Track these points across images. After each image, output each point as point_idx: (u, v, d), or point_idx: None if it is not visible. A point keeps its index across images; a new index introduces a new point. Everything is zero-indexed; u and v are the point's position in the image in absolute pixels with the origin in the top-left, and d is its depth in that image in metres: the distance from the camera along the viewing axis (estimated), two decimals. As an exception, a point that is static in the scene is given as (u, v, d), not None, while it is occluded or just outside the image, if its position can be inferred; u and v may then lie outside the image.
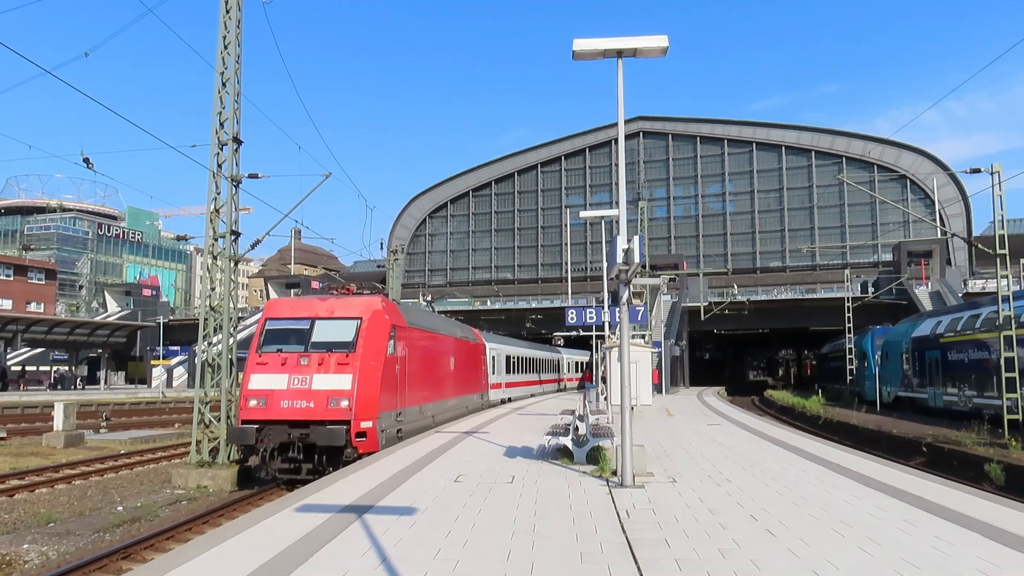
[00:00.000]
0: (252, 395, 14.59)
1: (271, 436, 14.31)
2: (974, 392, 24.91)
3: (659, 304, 57.68)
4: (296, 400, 14.38)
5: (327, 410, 14.26)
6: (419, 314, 20.39)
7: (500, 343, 35.33)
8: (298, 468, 14.48)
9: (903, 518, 7.97)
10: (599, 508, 8.59)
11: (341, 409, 14.29)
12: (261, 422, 14.38)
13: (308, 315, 15.79)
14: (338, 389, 14.43)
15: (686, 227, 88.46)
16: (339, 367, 14.68)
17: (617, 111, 10.83)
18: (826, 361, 60.44)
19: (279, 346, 15.23)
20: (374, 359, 15.06)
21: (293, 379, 14.57)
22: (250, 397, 14.59)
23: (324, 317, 15.64)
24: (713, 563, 6.21)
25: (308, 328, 15.46)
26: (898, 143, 78.02)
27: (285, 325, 15.71)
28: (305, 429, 14.21)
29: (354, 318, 15.55)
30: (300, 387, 14.48)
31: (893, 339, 34.90)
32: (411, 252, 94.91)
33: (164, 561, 6.43)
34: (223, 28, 17.60)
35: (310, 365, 14.74)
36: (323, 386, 14.47)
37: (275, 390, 14.50)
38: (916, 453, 19.77)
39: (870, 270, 74.65)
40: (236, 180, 17.58)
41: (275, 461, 14.52)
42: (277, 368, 14.74)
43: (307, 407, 14.33)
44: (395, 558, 6.39)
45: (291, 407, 14.34)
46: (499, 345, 34.55)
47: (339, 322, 15.50)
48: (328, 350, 14.98)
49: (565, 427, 13.20)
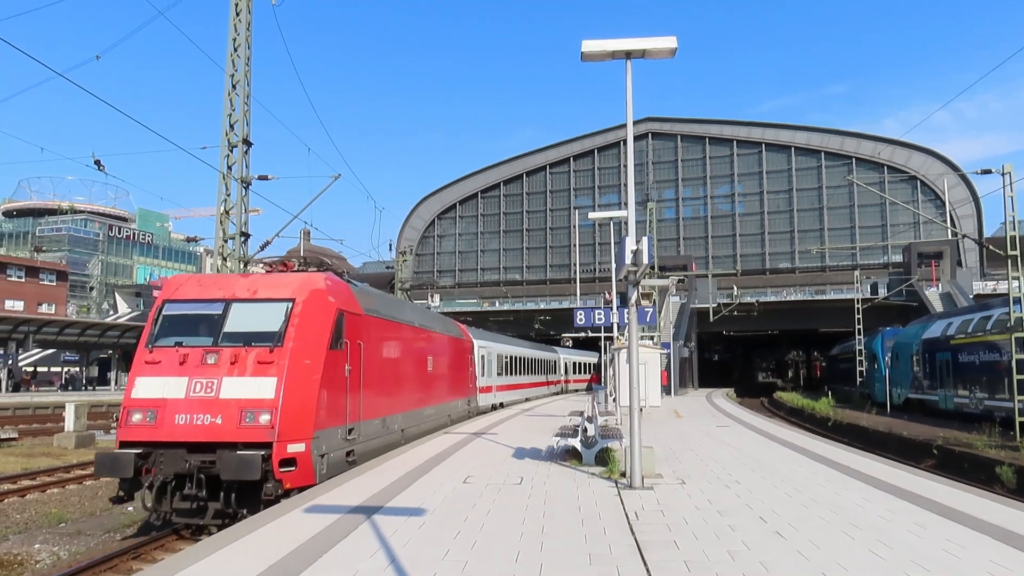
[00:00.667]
0: (136, 407, 10.73)
1: (162, 464, 10.47)
2: (985, 394, 24.75)
3: (668, 305, 57.60)
4: (197, 414, 10.51)
5: (239, 428, 10.43)
6: (384, 300, 16.37)
7: (490, 340, 31.88)
8: (202, 509, 10.56)
9: (913, 521, 7.93)
10: (608, 509, 8.59)
11: (259, 427, 10.45)
12: (147, 444, 10.54)
13: (222, 296, 11.95)
14: (256, 398, 10.60)
15: (695, 228, 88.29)
16: (259, 367, 10.88)
17: (626, 112, 10.82)
18: (836, 363, 60.19)
19: (179, 338, 11.39)
20: (310, 355, 11.35)
21: (195, 384, 10.74)
22: (133, 410, 10.73)
23: (244, 299, 11.86)
24: (722, 565, 6.20)
25: (220, 314, 11.64)
26: (908, 144, 77.63)
27: (189, 309, 11.87)
28: (209, 455, 10.34)
29: (284, 300, 11.75)
30: (204, 395, 10.64)
31: (903, 341, 34.73)
32: (420, 253, 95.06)
33: (174, 561, 6.47)
34: (233, 30, 17.69)
35: (219, 365, 10.90)
36: (236, 394, 10.65)
37: (169, 400, 10.66)
38: (927, 455, 19.65)
39: (880, 271, 74.32)
40: (246, 182, 17.66)
41: (167, 499, 10.55)
42: (173, 369, 10.94)
43: (212, 424, 10.45)
44: (404, 559, 6.40)
45: (190, 424, 10.46)
46: (489, 343, 31.09)
47: (263, 305, 11.74)
48: (246, 344, 11.17)
49: (574, 428, 13.19)
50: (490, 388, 30.20)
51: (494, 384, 31.03)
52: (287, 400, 10.74)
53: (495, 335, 35.58)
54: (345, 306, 12.73)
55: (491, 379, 30.39)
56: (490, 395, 30.24)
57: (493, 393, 30.87)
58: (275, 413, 10.56)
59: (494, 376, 31.02)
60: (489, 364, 30.14)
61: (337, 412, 12.08)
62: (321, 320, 11.86)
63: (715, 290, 66.88)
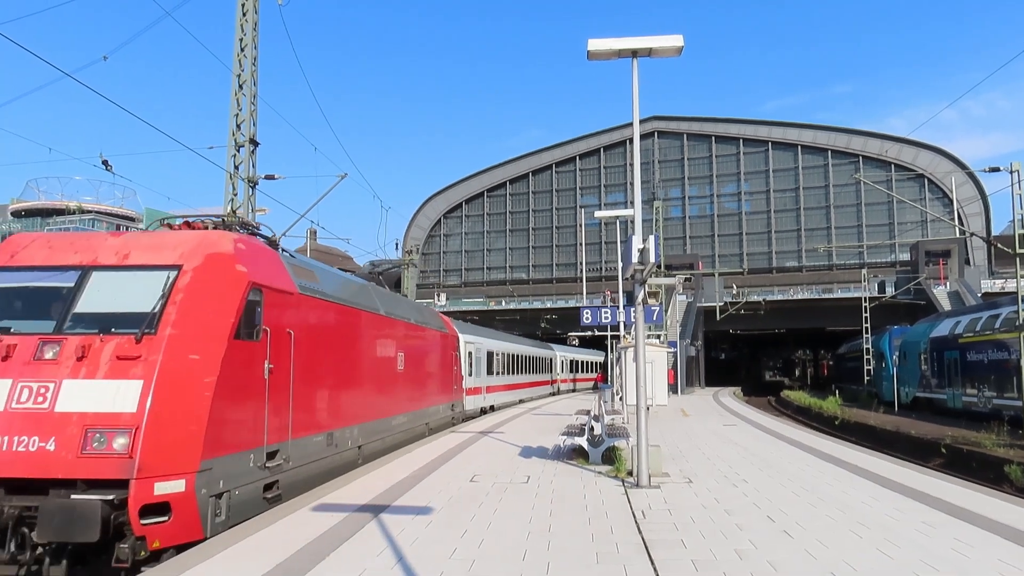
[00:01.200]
0: None
1: None
2: (993, 393, 24.68)
3: (674, 304, 57.54)
4: (20, 435, 6.94)
5: (80, 459, 6.89)
6: (332, 278, 12.56)
7: (479, 335, 28.81)
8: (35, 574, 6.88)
9: (922, 520, 7.91)
10: (615, 508, 8.58)
11: (111, 456, 6.96)
12: None
13: (78, 262, 8.49)
14: (109, 412, 7.12)
15: (701, 227, 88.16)
16: (118, 366, 7.39)
17: (632, 111, 10.83)
18: (843, 361, 60.06)
19: (6, 321, 7.95)
20: (200, 348, 7.89)
21: (19, 390, 7.20)
22: None
23: (108, 265, 8.43)
24: (730, 564, 6.19)
25: (72, 287, 8.15)
26: (915, 142, 77.37)
27: (25, 280, 8.38)
28: (34, 497, 6.86)
29: (164, 267, 8.31)
30: (32, 407, 7.09)
31: (911, 339, 34.65)
32: (426, 252, 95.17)
33: (181, 560, 6.49)
34: (240, 30, 17.75)
35: (60, 362, 7.40)
36: (80, 405, 7.12)
37: None
38: (935, 454, 19.59)
39: (887, 270, 74.09)
40: (253, 181, 17.72)
41: None
42: None
43: (41, 451, 6.89)
44: (411, 557, 6.41)
45: (6, 450, 6.87)
46: (479, 338, 28.24)
47: (134, 275, 8.29)
48: (103, 330, 7.67)
49: (580, 427, 13.19)
50: (480, 389, 27.72)
51: (484, 385, 28.46)
52: (157, 414, 7.18)
53: (481, 328, 32.53)
54: (265, 280, 9.22)
55: (481, 379, 27.94)
56: (479, 397, 27.71)
57: (483, 395, 28.36)
58: (136, 434, 6.98)
59: (484, 376, 28.48)
60: (479, 362, 27.54)
61: (247, 429, 8.65)
62: (221, 297, 8.35)
63: (722, 289, 66.79)
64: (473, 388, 26.23)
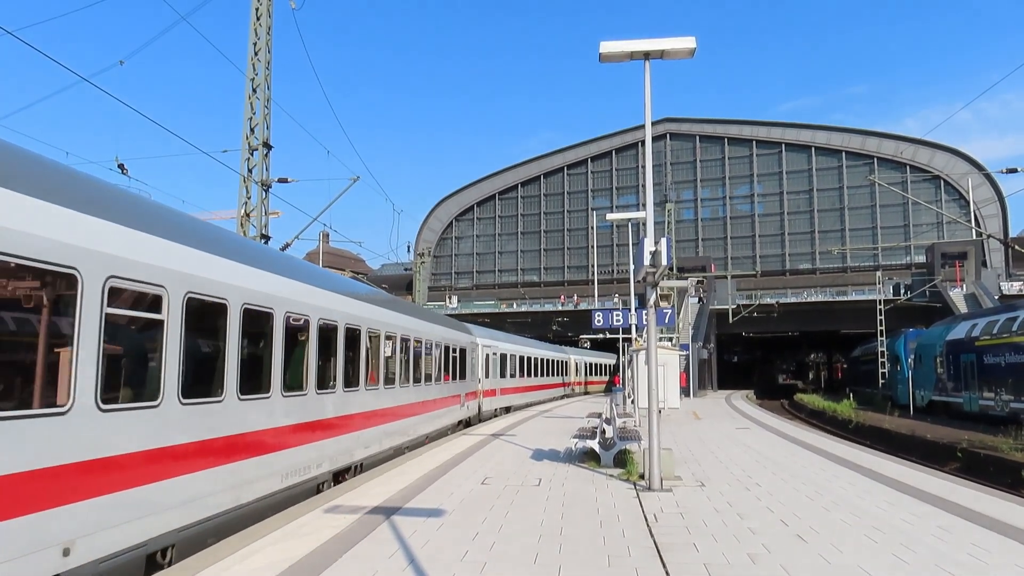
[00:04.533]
0: None
1: None
2: (1011, 396, 24.41)
3: (687, 307, 57.35)
4: None
5: None
6: None
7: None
8: None
9: (938, 524, 7.83)
10: (626, 512, 8.55)
11: None
12: None
13: None
14: None
15: (714, 229, 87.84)
16: None
17: (644, 113, 10.80)
18: (857, 364, 59.62)
19: None
20: None
21: None
22: None
23: None
24: (743, 568, 6.15)
25: None
26: (931, 143, 76.74)
27: None
28: None
29: None
30: None
31: (927, 342, 34.34)
32: (438, 255, 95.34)
33: (195, 560, 6.52)
34: (254, 35, 17.85)
35: None
36: None
37: None
38: (951, 458, 19.40)
39: (903, 272, 73.50)
40: (266, 184, 17.81)
41: None
42: None
43: None
44: (423, 559, 6.41)
45: None
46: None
47: None
48: None
49: (592, 430, 13.16)
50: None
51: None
52: None
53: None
54: None
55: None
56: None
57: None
58: None
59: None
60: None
61: None
62: None
63: (734, 291, 66.51)
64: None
